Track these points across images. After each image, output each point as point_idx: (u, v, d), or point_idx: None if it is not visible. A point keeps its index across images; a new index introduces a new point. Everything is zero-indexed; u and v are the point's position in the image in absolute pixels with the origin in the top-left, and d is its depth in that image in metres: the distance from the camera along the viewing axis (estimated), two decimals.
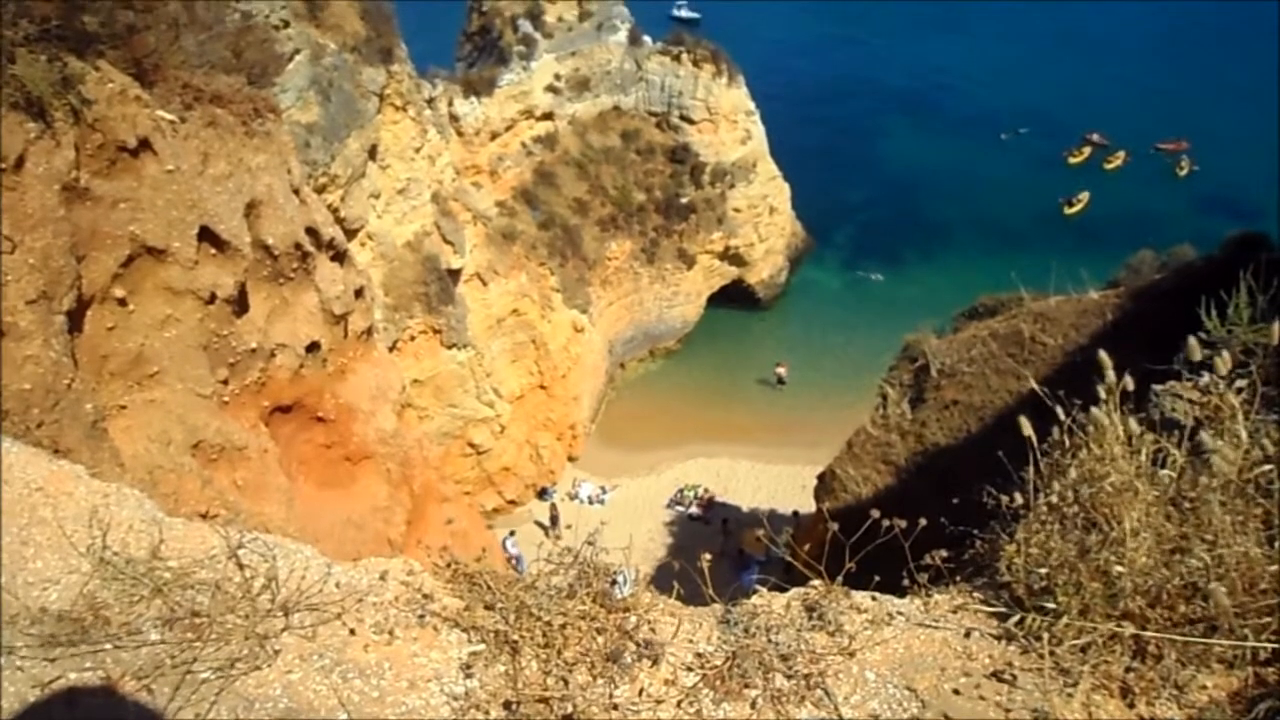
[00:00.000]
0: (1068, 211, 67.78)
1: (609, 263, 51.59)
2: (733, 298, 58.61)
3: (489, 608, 3.34)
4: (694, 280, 56.00)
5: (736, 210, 55.79)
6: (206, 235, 9.96)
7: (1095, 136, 75.54)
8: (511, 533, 38.45)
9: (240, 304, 10.55)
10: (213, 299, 10.00)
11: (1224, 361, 3.19)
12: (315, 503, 12.04)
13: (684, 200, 54.08)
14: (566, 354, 46.43)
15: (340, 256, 12.83)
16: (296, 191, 11.87)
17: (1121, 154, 73.12)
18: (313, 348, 11.82)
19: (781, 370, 51.74)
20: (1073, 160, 73.91)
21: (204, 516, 9.08)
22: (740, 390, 52.34)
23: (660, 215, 53.79)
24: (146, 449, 8.98)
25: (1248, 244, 17.92)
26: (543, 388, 44.75)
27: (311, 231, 11.96)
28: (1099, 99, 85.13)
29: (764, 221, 57.61)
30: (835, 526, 3.33)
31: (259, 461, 10.46)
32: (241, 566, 3.41)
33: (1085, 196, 68.50)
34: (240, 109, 11.03)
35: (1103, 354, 3.17)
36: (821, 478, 25.13)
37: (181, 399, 9.56)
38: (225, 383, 10.37)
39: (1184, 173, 72.02)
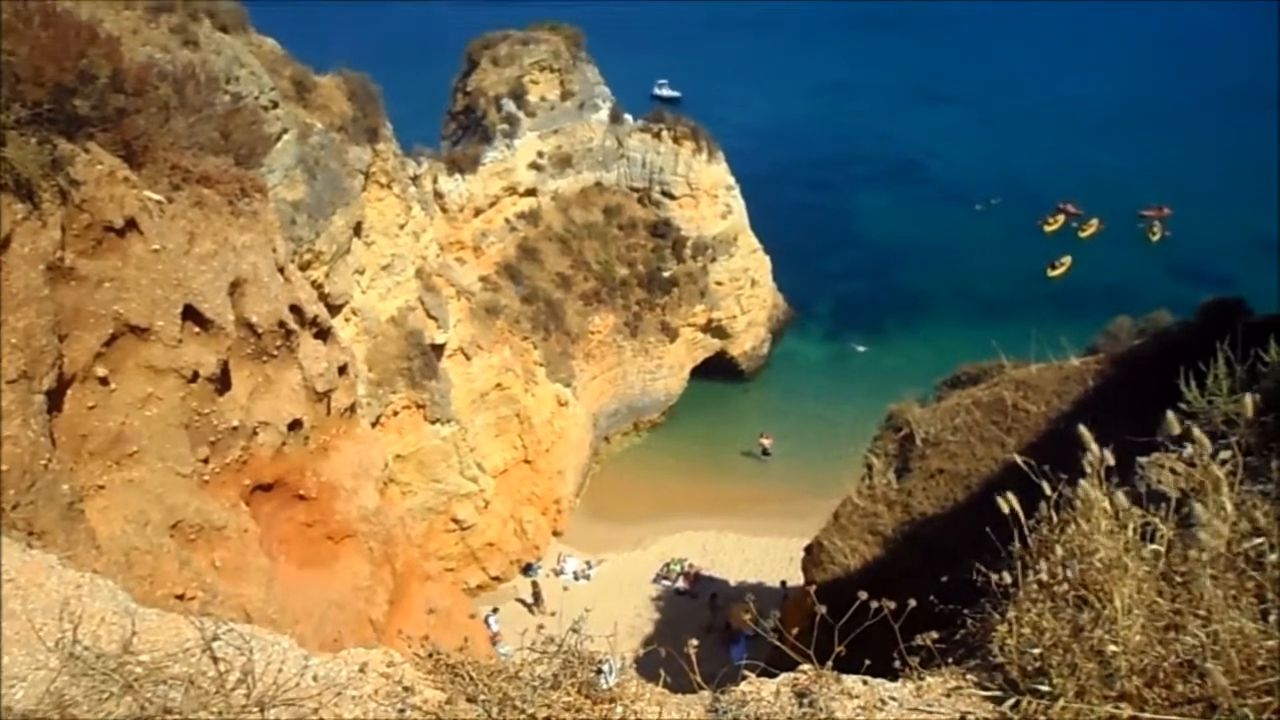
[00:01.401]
0: (1051, 274, 68.83)
1: (592, 336, 51.75)
2: (716, 370, 58.75)
3: (471, 700, 3.25)
4: (677, 353, 56.18)
5: (718, 283, 56.27)
6: (190, 314, 9.94)
7: (1068, 206, 77.08)
8: (494, 610, 37.86)
9: (223, 382, 10.49)
10: (195, 377, 9.93)
11: (1203, 439, 3.19)
12: (296, 582, 11.82)
13: (666, 274, 54.54)
14: (550, 428, 46.24)
15: (324, 334, 12.81)
16: (281, 269, 11.90)
17: (1095, 222, 74.49)
18: (295, 425, 11.73)
19: (766, 442, 51.63)
20: (1047, 229, 75.21)
21: (181, 598, 8.90)
22: (725, 462, 52.13)
23: (643, 289, 54.17)
24: (123, 530, 8.82)
25: (1223, 309, 18.21)
26: (527, 462, 44.45)
27: (295, 309, 11.96)
28: (1068, 170, 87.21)
29: (745, 294, 58.08)
30: (823, 609, 3.27)
31: (239, 541, 10.29)
32: (216, 660, 3.31)
33: (1068, 260, 69.72)
34: (227, 189, 11.11)
35: (1084, 429, 3.17)
36: (809, 549, 24.90)
37: (161, 478, 9.43)
38: (206, 461, 10.25)
39: (1157, 238, 73.38)
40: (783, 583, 37.66)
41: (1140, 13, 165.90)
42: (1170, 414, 3.61)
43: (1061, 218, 76.04)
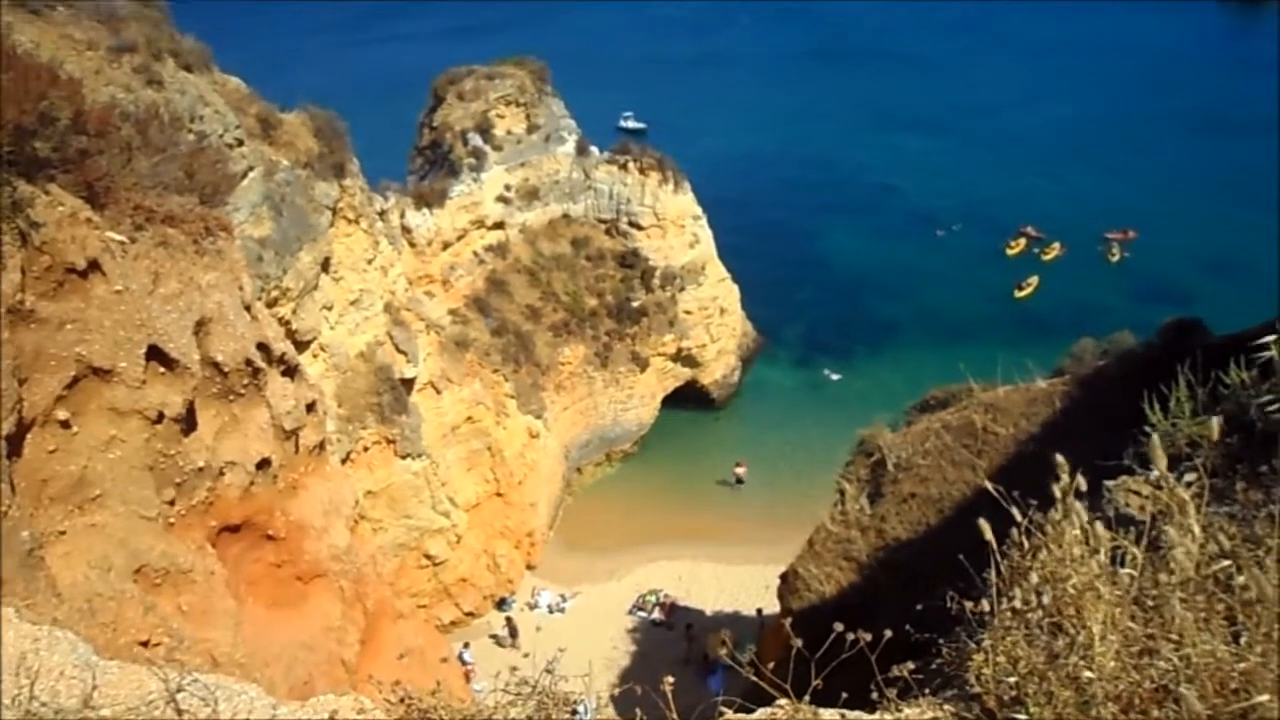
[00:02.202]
0: (1019, 295, 69.80)
1: (563, 368, 51.67)
2: (687, 399, 58.78)
3: None
4: (648, 382, 56.20)
5: (687, 312, 56.45)
6: (155, 354, 9.81)
7: (1029, 229, 78.26)
8: (466, 644, 37.48)
9: (188, 422, 10.34)
10: (160, 418, 9.79)
11: (1161, 458, 3.21)
12: (265, 624, 11.61)
13: (635, 304, 54.65)
14: (522, 460, 46.01)
15: (291, 371, 12.69)
16: (248, 307, 11.79)
17: (1056, 245, 75.59)
18: (263, 464, 11.57)
19: (740, 470, 51.64)
20: (1010, 252, 76.24)
21: (145, 645, 8.71)
22: (699, 491, 52.04)
23: (612, 319, 54.23)
24: (85, 576, 8.63)
25: (1183, 330, 18.58)
26: (499, 495, 44.14)
27: (263, 347, 11.84)
28: (1027, 195, 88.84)
29: (715, 322, 58.29)
30: (799, 642, 3.25)
31: (205, 584, 10.10)
32: (180, 713, 3.22)
33: (1035, 280, 70.79)
34: (192, 228, 11.02)
35: (1059, 456, 3.20)
36: (784, 577, 24.87)
37: (124, 522, 9.25)
38: (171, 503, 10.08)
39: (1116, 259, 74.60)
40: (759, 611, 37.53)
41: (1095, 40, 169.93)
42: (1146, 438, 3.64)
43: (1023, 241, 77.15)
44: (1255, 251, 67.47)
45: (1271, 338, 3.85)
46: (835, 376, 61.15)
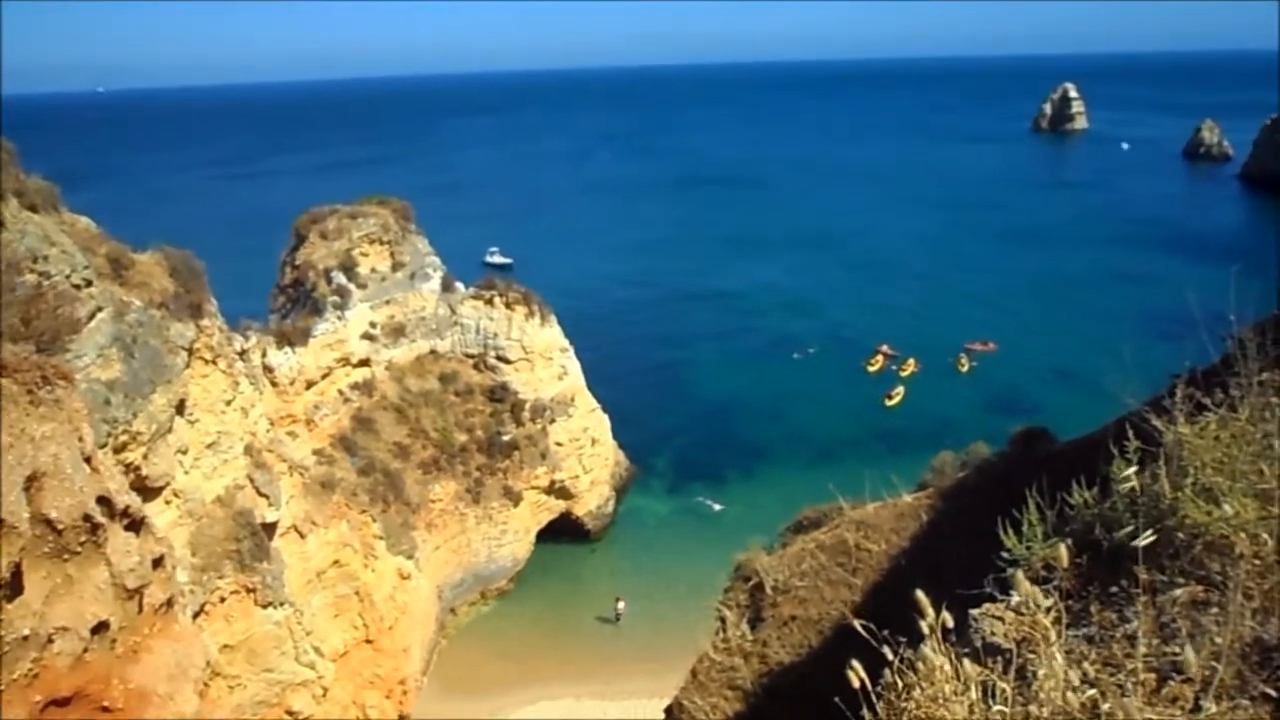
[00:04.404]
0: (888, 404, 73.07)
1: (433, 505, 50.39)
2: (562, 531, 58.02)
3: None
4: (522, 517, 55.28)
5: (559, 444, 56.27)
6: None
7: (885, 347, 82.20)
8: None
9: (13, 586, 9.49)
10: None
11: (1023, 585, 3.29)
12: None
13: (506, 438, 54.19)
14: (393, 604, 44.12)
15: (136, 524, 11.90)
16: (88, 458, 11.08)
17: (912, 361, 79.43)
18: (100, 628, 10.68)
19: (620, 605, 50.68)
20: (871, 369, 79.70)
21: None
22: (578, 627, 50.85)
23: (483, 454, 53.52)
24: None
25: (1031, 439, 19.76)
26: (369, 642, 42.02)
27: (104, 500, 11.09)
28: (878, 313, 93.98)
29: (587, 453, 58.22)
30: None
31: None
32: None
33: (901, 390, 74.37)
34: (26, 377, 10.38)
35: (920, 594, 3.23)
36: (669, 711, 24.20)
37: None
38: None
39: (966, 370, 78.72)
40: None
41: (928, 169, 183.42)
42: (1005, 557, 3.73)
43: (881, 359, 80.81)
44: (1087, 356, 72.72)
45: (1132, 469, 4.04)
46: (717, 507, 60.99)
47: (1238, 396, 4.46)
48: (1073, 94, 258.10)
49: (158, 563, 12.13)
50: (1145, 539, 3.43)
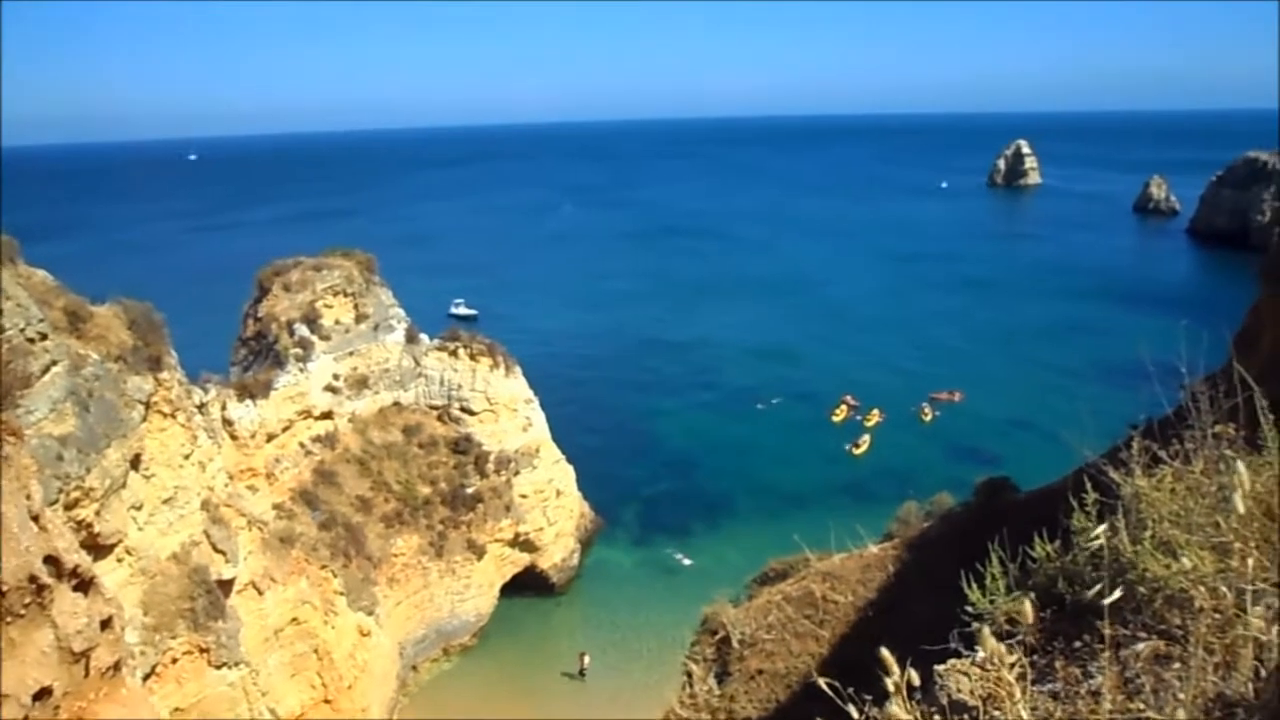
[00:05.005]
0: (855, 453, 73.56)
1: (395, 560, 49.62)
2: (526, 585, 57.29)
3: None
4: (485, 570, 54.56)
5: (523, 496, 55.83)
6: None
7: (848, 398, 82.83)
8: None
9: None
10: None
11: (988, 642, 3.32)
12: None
13: (470, 490, 53.69)
14: (353, 662, 43.19)
15: (85, 585, 11.60)
16: (36, 517, 10.83)
17: (876, 412, 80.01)
18: (42, 694, 10.33)
19: (585, 660, 49.92)
20: (836, 419, 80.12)
21: None
22: (543, 683, 49.97)
23: (446, 507, 52.93)
24: None
25: (994, 489, 19.99)
26: (327, 702, 41.04)
27: (51, 560, 10.81)
28: (839, 364, 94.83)
29: (552, 505, 57.78)
30: None
31: None
32: None
33: (866, 439, 74.79)
34: None
35: (885, 652, 3.25)
36: None
37: None
38: None
39: (928, 419, 79.46)
40: None
41: (887, 222, 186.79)
42: (970, 610, 3.76)
43: (844, 409, 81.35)
44: (1046, 405, 73.82)
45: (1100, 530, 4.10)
46: (687, 561, 60.08)
47: (1192, 449, 4.56)
48: (1025, 150, 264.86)
49: (106, 624, 11.82)
50: (1111, 598, 3.49)
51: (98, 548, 28.36)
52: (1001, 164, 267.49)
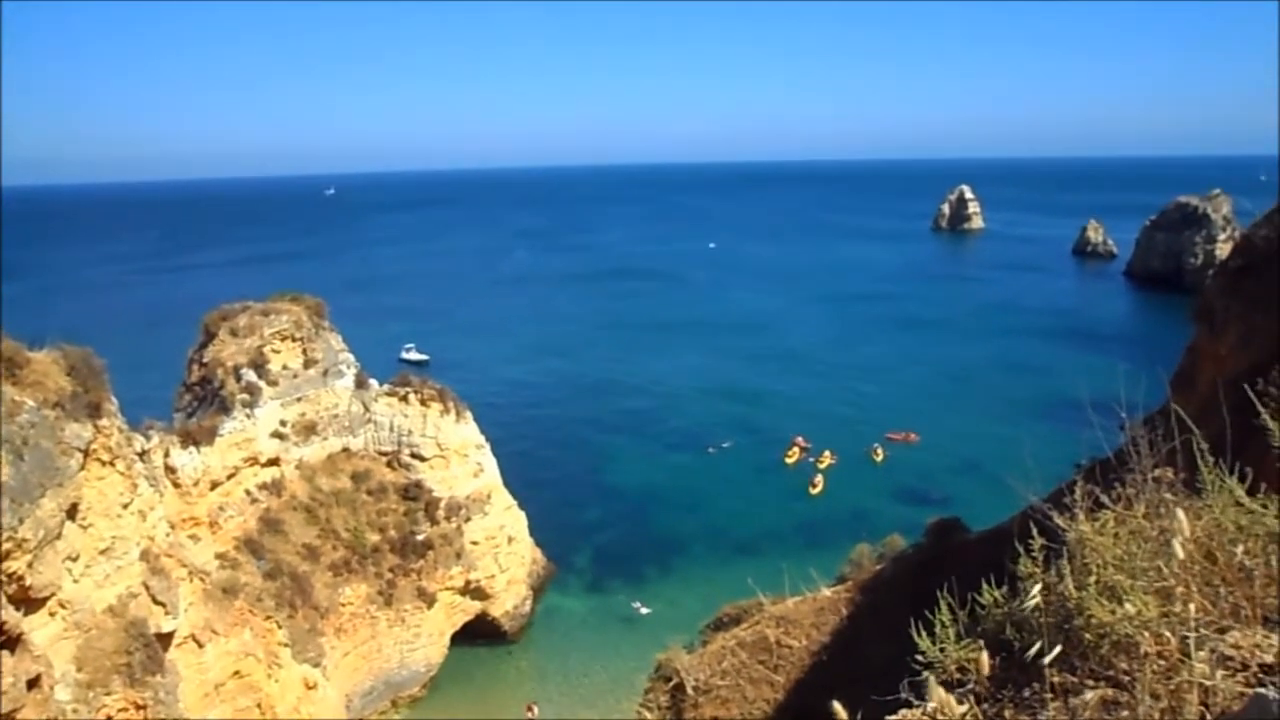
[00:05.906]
0: (813, 492, 74.14)
1: (343, 609, 48.58)
2: (478, 633, 56.39)
3: None
4: (436, 619, 53.59)
5: (474, 543, 55.13)
6: None
7: (800, 439, 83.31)
8: None
9: None
10: None
11: (936, 691, 3.32)
12: None
13: (420, 537, 52.90)
14: (297, 715, 42.02)
15: (13, 643, 11.22)
16: None
17: (828, 454, 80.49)
18: None
19: (534, 711, 48.96)
20: (789, 460, 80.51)
21: None
22: None
23: (396, 554, 52.05)
24: None
25: (944, 530, 20.20)
26: None
27: None
28: (789, 405, 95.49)
29: (503, 551, 57.11)
30: None
31: None
32: None
33: (820, 480, 75.54)
34: None
35: (837, 705, 3.23)
36: None
37: None
38: None
39: (880, 460, 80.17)
40: None
41: (834, 265, 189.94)
42: (920, 659, 3.75)
43: (796, 450, 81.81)
44: (992, 444, 74.95)
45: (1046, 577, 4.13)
46: (645, 610, 58.55)
47: (1133, 493, 4.64)
48: (969, 195, 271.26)
49: (34, 683, 11.41)
50: (1051, 655, 3.52)
51: (29, 601, 27.37)
52: (946, 208, 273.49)
